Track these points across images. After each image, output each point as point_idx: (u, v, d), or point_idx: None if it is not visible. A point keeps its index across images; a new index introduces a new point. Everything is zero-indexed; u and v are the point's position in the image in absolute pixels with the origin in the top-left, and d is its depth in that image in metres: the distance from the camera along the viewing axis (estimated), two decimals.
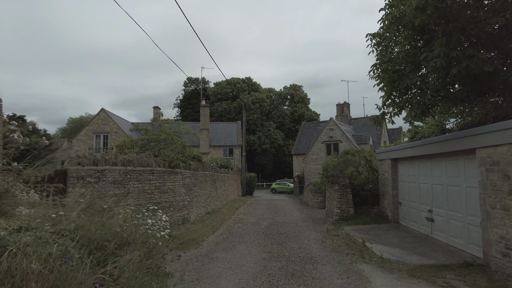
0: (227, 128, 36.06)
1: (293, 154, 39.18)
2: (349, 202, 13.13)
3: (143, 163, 9.62)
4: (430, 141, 9.17)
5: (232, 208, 17.74)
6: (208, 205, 15.16)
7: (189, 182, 11.95)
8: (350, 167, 13.56)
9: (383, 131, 36.35)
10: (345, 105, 38.64)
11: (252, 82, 64.75)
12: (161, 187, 9.99)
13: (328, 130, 31.67)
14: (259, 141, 55.34)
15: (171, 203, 10.36)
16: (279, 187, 40.63)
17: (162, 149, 10.90)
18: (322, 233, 10.99)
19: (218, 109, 57.78)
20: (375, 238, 9.65)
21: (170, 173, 10.47)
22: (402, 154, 11.26)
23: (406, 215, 11.39)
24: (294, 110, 62.71)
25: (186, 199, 11.49)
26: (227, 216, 14.91)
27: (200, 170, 13.63)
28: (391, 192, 12.30)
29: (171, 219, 10.35)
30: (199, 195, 13.42)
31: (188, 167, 11.93)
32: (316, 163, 32.30)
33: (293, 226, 12.46)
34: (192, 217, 12.13)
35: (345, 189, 13.14)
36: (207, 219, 12.91)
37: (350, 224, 12.22)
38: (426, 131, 14.13)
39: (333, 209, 13.47)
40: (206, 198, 14.76)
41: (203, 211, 14.07)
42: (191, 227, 10.78)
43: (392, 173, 12.30)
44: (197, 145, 33.24)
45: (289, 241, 9.71)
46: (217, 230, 11.51)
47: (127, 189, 9.14)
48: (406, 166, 11.45)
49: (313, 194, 20.96)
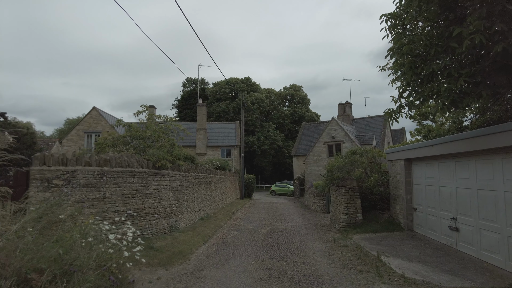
0: (225, 128, 34.77)
1: (293, 155, 37.91)
2: (357, 208, 11.84)
3: (122, 163, 8.34)
4: (456, 137, 7.89)
5: (229, 213, 16.44)
6: (202, 210, 13.86)
7: (179, 185, 10.66)
8: (358, 169, 12.29)
9: (387, 132, 35.11)
10: (347, 105, 37.41)
11: (251, 82, 63.53)
12: (144, 190, 8.70)
13: (330, 130, 30.41)
14: (258, 142, 54.05)
15: (155, 209, 9.07)
16: (279, 189, 39.32)
17: (147, 148, 9.63)
18: (328, 243, 9.69)
19: (217, 110, 56.50)
20: (391, 250, 8.36)
21: (155, 174, 9.18)
22: (418, 153, 9.99)
23: (422, 222, 10.10)
24: (294, 110, 61.46)
25: (175, 204, 10.20)
26: (223, 222, 13.61)
27: (192, 172, 12.34)
28: (404, 196, 11.02)
29: (155, 228, 9.06)
30: (191, 199, 12.12)
31: (178, 168, 10.63)
32: (317, 165, 31.03)
33: (295, 234, 11.17)
34: (181, 224, 10.83)
35: (353, 193, 11.85)
36: (199, 226, 11.61)
37: (359, 232, 10.92)
38: (442, 130, 12.87)
39: (339, 215, 12.18)
40: (199, 203, 13.46)
41: (196, 217, 12.76)
42: (180, 236, 9.48)
43: (406, 175, 11.03)
44: (194, 146, 31.95)
45: (291, 253, 8.41)
46: (210, 239, 10.21)
47: (103, 193, 7.85)
48: (422, 167, 10.18)
49: (315, 198, 19.67)
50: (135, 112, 9.96)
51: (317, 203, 19.34)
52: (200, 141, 31.69)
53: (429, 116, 19.40)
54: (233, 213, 17.36)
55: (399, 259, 7.44)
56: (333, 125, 30.38)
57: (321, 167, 30.77)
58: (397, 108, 8.15)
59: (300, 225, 13.35)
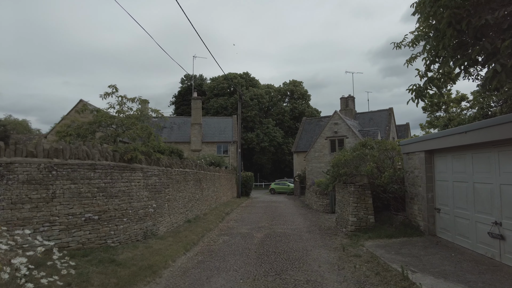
0: (221, 123, 33.05)
1: (293, 151, 36.22)
2: (369, 208, 10.16)
3: (79, 154, 6.65)
4: (502, 120, 6.18)
5: (222, 214, 14.76)
6: (190, 211, 12.18)
7: (157, 182, 8.96)
8: (368, 163, 10.60)
9: (391, 127, 33.42)
10: (350, 99, 35.68)
11: (250, 78, 61.82)
12: (108, 188, 7.01)
13: (332, 125, 28.70)
14: (257, 139, 52.36)
15: (124, 211, 7.38)
16: (279, 187, 37.65)
17: (118, 136, 7.94)
18: (336, 252, 8.01)
19: (214, 105, 54.82)
20: (415, 262, 6.68)
21: (123, 169, 7.48)
22: (443, 143, 8.29)
23: (448, 226, 8.42)
24: (294, 106, 59.75)
25: (151, 205, 8.51)
26: (213, 224, 11.92)
27: (176, 167, 10.64)
28: (425, 195, 9.34)
29: (123, 234, 7.37)
30: (175, 198, 10.44)
31: (156, 162, 8.94)
32: (319, 161, 29.35)
33: (296, 240, 9.49)
34: (161, 228, 9.15)
35: (363, 191, 10.17)
36: (184, 231, 9.93)
37: (371, 237, 9.25)
38: (467, 117, 11.16)
39: (346, 217, 10.51)
40: (186, 203, 11.78)
41: (181, 219, 11.08)
42: (156, 244, 7.80)
43: (426, 170, 9.34)
44: (188, 142, 30.25)
45: (291, 267, 6.72)
46: (193, 247, 8.53)
47: (52, 191, 6.17)
48: (447, 160, 8.49)
49: (317, 196, 17.98)
50: (102, 94, 8.29)
51: (319, 202, 17.66)
52: (195, 136, 29.98)
53: (442, 106, 17.72)
54: (227, 213, 15.67)
55: (430, 276, 5.76)
56: (336, 119, 28.67)
57: (323, 163, 29.09)
58: (426, 82, 6.48)
59: (302, 228, 11.67)
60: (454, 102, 16.37)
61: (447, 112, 17.40)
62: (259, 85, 61.39)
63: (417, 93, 6.76)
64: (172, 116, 33.85)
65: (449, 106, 16.65)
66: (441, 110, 18.32)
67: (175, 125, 31.99)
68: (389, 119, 33.34)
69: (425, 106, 18.47)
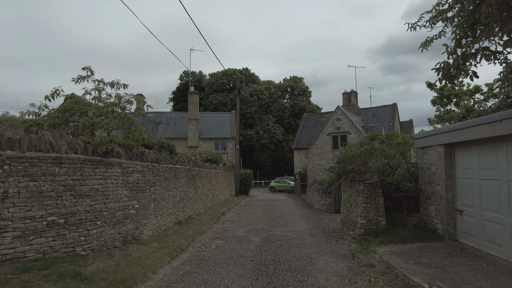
0: (219, 119, 31.90)
1: (294, 148, 35.12)
2: (380, 209, 9.07)
3: (41, 146, 5.56)
4: None
5: (217, 214, 13.68)
6: (181, 211, 11.10)
7: (141, 180, 7.87)
8: (379, 158, 9.51)
9: (396, 123, 32.33)
10: (352, 94, 34.56)
11: (250, 73, 60.57)
12: (78, 187, 5.93)
13: (334, 120, 27.59)
14: (257, 135, 51.26)
15: (98, 213, 6.30)
16: (279, 185, 36.60)
17: (94, 127, 6.82)
18: (344, 260, 6.93)
19: (213, 101, 53.68)
20: (441, 275, 5.60)
21: (97, 164, 6.39)
22: (468, 135, 7.19)
23: (473, 230, 7.34)
24: (294, 103, 58.60)
25: (132, 205, 7.42)
26: (207, 226, 10.85)
27: (164, 163, 9.54)
28: (444, 194, 8.25)
29: (97, 240, 6.28)
30: (163, 198, 9.35)
31: (139, 156, 7.85)
32: (320, 158, 28.27)
33: (299, 245, 8.41)
34: (146, 232, 8.07)
35: (374, 190, 9.08)
36: (173, 234, 8.85)
37: (383, 242, 8.17)
38: (490, 108, 10.06)
39: (354, 218, 9.43)
40: (177, 202, 10.70)
41: (171, 221, 10.01)
42: (136, 251, 6.72)
43: (446, 166, 8.25)
44: (185, 138, 29.13)
45: (294, 280, 5.64)
46: (181, 254, 7.45)
47: (3, 190, 5.07)
48: (472, 155, 7.40)
49: (320, 195, 16.91)
50: (75, 77, 7.14)
51: (322, 201, 16.59)
52: (192, 132, 28.86)
53: (453, 99, 16.60)
54: (223, 213, 14.60)
55: None
56: (338, 115, 27.55)
57: (325, 161, 28.01)
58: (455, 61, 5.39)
59: (304, 230, 10.60)
60: (467, 95, 15.28)
61: (458, 106, 16.25)
62: (259, 81, 60.19)
63: (445, 73, 5.67)
64: (169, 112, 32.68)
65: (461, 98, 15.53)
66: (451, 104, 17.14)
67: (171, 120, 30.87)
68: (393, 115, 32.26)
69: (435, 99, 17.32)
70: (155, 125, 30.17)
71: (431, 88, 17.25)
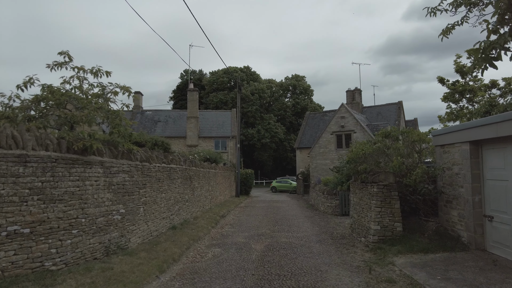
0: (219, 117, 30.96)
1: (296, 148, 34.20)
2: (395, 214, 8.15)
3: (1, 141, 4.66)
4: None
5: (216, 217, 12.77)
6: (176, 215, 10.21)
7: (127, 181, 6.97)
8: (395, 158, 8.58)
9: (401, 121, 31.38)
10: (356, 92, 33.62)
11: (251, 72, 59.70)
12: (48, 190, 5.02)
13: (338, 119, 26.64)
14: (258, 135, 50.33)
15: (73, 220, 5.39)
16: (280, 185, 35.67)
17: (73, 120, 5.90)
18: (360, 274, 6.01)
19: (214, 100, 52.74)
20: None
21: (73, 163, 5.48)
22: (502, 130, 6.25)
23: (507, 239, 6.41)
24: (296, 102, 57.65)
25: (117, 210, 6.52)
26: (204, 231, 9.94)
27: (156, 162, 8.63)
28: (469, 197, 7.32)
29: (73, 252, 5.37)
30: (154, 201, 8.45)
31: (126, 155, 6.95)
32: (324, 158, 27.33)
33: (306, 255, 7.49)
34: (134, 239, 7.17)
35: (389, 193, 8.15)
36: (165, 241, 7.94)
37: (401, 251, 7.25)
38: None
39: (367, 224, 8.50)
40: (172, 205, 9.80)
41: (164, 226, 9.10)
42: (120, 263, 5.81)
43: (472, 166, 7.32)
44: (184, 136, 28.20)
45: None
46: (172, 265, 6.54)
47: None
48: (506, 153, 6.47)
49: (325, 196, 15.98)
50: (50, 64, 6.23)
51: (327, 203, 15.66)
52: (191, 131, 27.93)
53: (466, 94, 15.63)
54: (223, 216, 13.69)
55: None
56: (342, 113, 26.61)
57: (328, 160, 27.07)
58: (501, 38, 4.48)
59: (310, 236, 9.68)
60: (482, 90, 14.34)
61: (472, 102, 15.28)
62: (260, 80, 59.26)
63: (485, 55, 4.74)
64: (167, 110, 31.76)
65: (476, 94, 14.58)
66: (463, 100, 16.15)
67: (170, 118, 29.96)
68: (399, 113, 31.34)
69: (446, 95, 16.34)
70: (154, 123, 29.29)
71: (443, 83, 16.31)
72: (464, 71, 15.02)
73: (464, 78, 15.25)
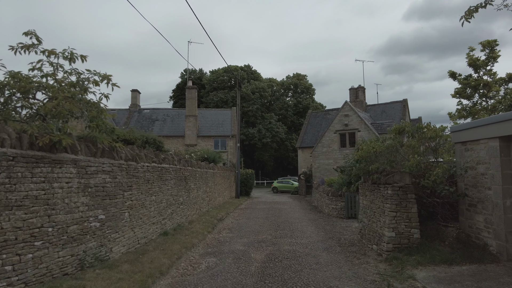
0: (219, 116, 30.07)
1: (298, 147, 33.28)
2: (412, 219, 7.24)
3: None
4: None
5: (213, 220, 11.88)
6: (169, 219, 9.33)
7: (108, 182, 6.08)
8: (412, 156, 7.65)
9: (406, 120, 30.43)
10: (360, 90, 32.68)
11: (252, 70, 58.79)
12: (2, 194, 4.15)
13: (342, 117, 25.74)
14: (259, 134, 49.43)
15: (37, 230, 4.51)
16: (282, 186, 34.77)
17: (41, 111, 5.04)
18: None
19: (214, 99, 51.90)
20: None
21: (36, 161, 4.59)
22: None
23: None
24: (298, 101, 56.74)
25: (95, 216, 5.63)
26: (198, 237, 9.05)
27: (144, 161, 7.75)
28: (499, 201, 6.42)
29: (35, 269, 4.48)
30: (143, 204, 7.57)
31: (108, 152, 6.08)
32: (327, 157, 26.43)
33: (312, 266, 6.59)
34: (117, 249, 6.29)
35: (405, 196, 7.25)
36: (154, 250, 7.06)
37: (421, 262, 6.35)
38: None
39: (379, 230, 7.60)
40: (163, 209, 8.92)
41: (154, 232, 8.22)
42: (95, 279, 4.93)
43: (502, 165, 6.42)
44: (182, 136, 27.32)
45: None
46: (158, 280, 5.64)
47: None
48: None
49: (329, 198, 15.07)
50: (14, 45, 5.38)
51: (332, 205, 14.75)
52: (190, 130, 27.04)
53: (479, 89, 14.69)
54: (221, 219, 12.80)
55: None
56: (346, 111, 25.70)
57: (331, 160, 26.16)
58: None
59: (316, 242, 8.78)
60: (498, 84, 13.45)
61: (486, 97, 14.35)
62: (261, 79, 58.35)
63: None
64: (165, 108, 30.80)
65: (490, 88, 13.66)
66: (475, 95, 15.21)
67: (168, 117, 29.06)
68: (404, 111, 30.42)
69: (458, 90, 15.42)
70: (151, 122, 28.40)
71: (454, 78, 15.41)
72: (477, 65, 14.10)
73: (478, 72, 14.34)
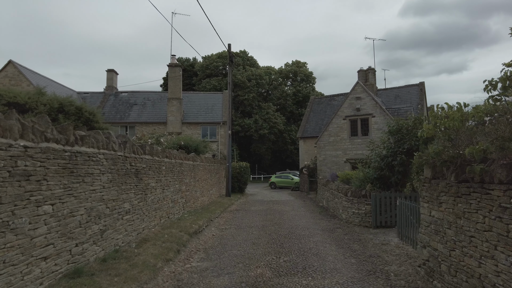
0: (208, 100, 25.98)
1: (299, 137, 29.31)
2: None
3: None
4: None
5: (183, 236, 7.95)
6: (95, 242, 5.42)
7: None
8: None
9: (424, 106, 26.59)
10: (370, 72, 28.75)
11: (248, 57, 54.60)
12: None
13: (353, 100, 21.74)
14: (255, 125, 45.41)
15: None
16: (280, 181, 30.94)
17: None
18: None
19: (207, 86, 47.73)
20: None
21: None
22: None
23: None
24: (297, 90, 52.65)
25: None
26: (142, 277, 5.10)
27: (37, 141, 3.79)
28: None
29: None
30: (18, 224, 3.60)
31: None
32: (334, 148, 22.50)
33: None
34: None
35: None
36: None
37: None
38: None
39: (487, 274, 3.68)
40: (81, 225, 5.02)
41: (50, 274, 4.27)
42: None
43: None
44: (164, 122, 23.28)
45: None
46: None
47: None
48: None
49: (348, 199, 11.17)
50: None
51: (353, 209, 10.86)
52: (173, 115, 22.94)
53: None
54: (196, 232, 8.85)
55: None
56: (358, 93, 21.70)
57: (340, 151, 22.25)
58: None
59: (346, 284, 4.89)
60: None
61: None
62: (258, 66, 54.18)
63: None
64: (146, 91, 26.53)
65: None
66: None
67: (148, 101, 24.93)
68: (421, 96, 26.53)
69: None
70: (129, 106, 24.30)
71: None
72: None
73: None
